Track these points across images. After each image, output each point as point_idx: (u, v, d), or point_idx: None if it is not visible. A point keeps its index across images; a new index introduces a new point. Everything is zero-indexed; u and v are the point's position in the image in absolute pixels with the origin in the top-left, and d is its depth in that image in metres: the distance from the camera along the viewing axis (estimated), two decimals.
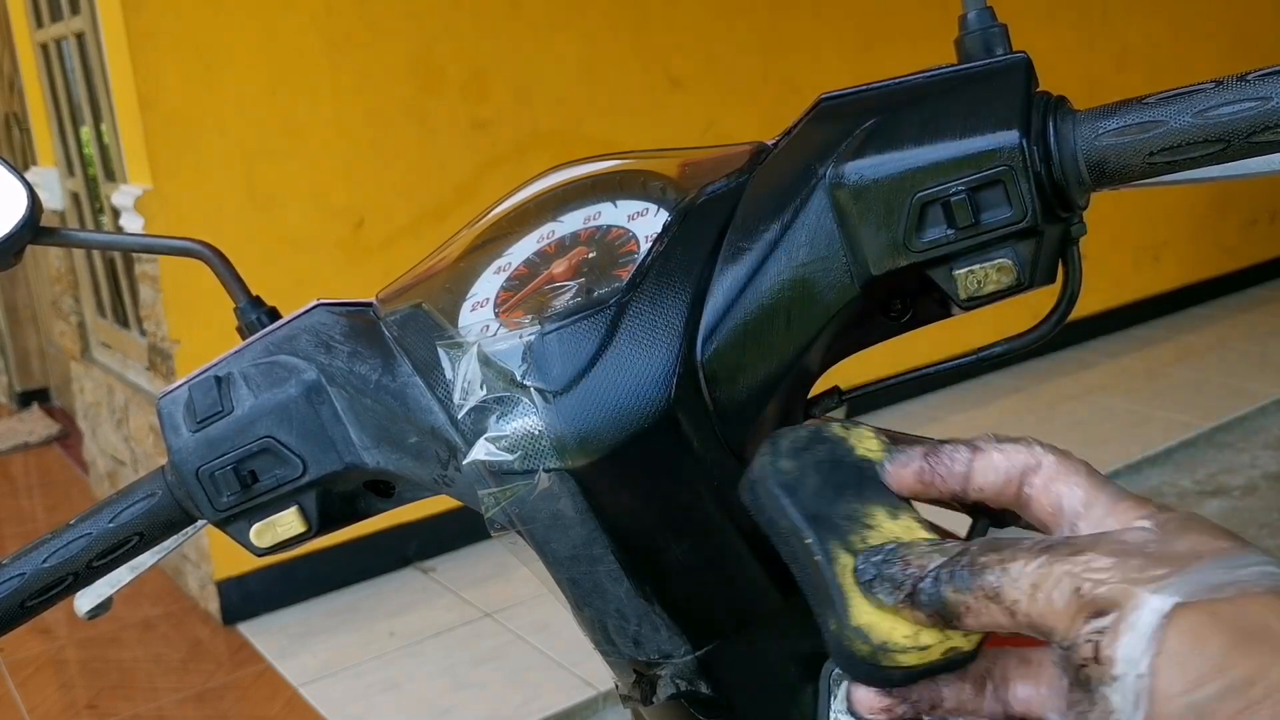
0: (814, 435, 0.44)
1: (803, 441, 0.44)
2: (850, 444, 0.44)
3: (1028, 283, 0.47)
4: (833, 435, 0.44)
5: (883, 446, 0.44)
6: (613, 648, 0.51)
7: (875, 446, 0.44)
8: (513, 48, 3.13)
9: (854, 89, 0.50)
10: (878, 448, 0.44)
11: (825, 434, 0.44)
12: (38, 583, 0.56)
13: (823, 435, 0.44)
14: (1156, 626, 0.33)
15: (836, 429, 0.44)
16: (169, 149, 2.72)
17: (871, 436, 0.44)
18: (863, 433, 0.44)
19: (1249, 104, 0.42)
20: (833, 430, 0.44)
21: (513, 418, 0.48)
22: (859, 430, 0.44)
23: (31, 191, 0.61)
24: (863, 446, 0.44)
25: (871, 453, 0.44)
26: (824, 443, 0.44)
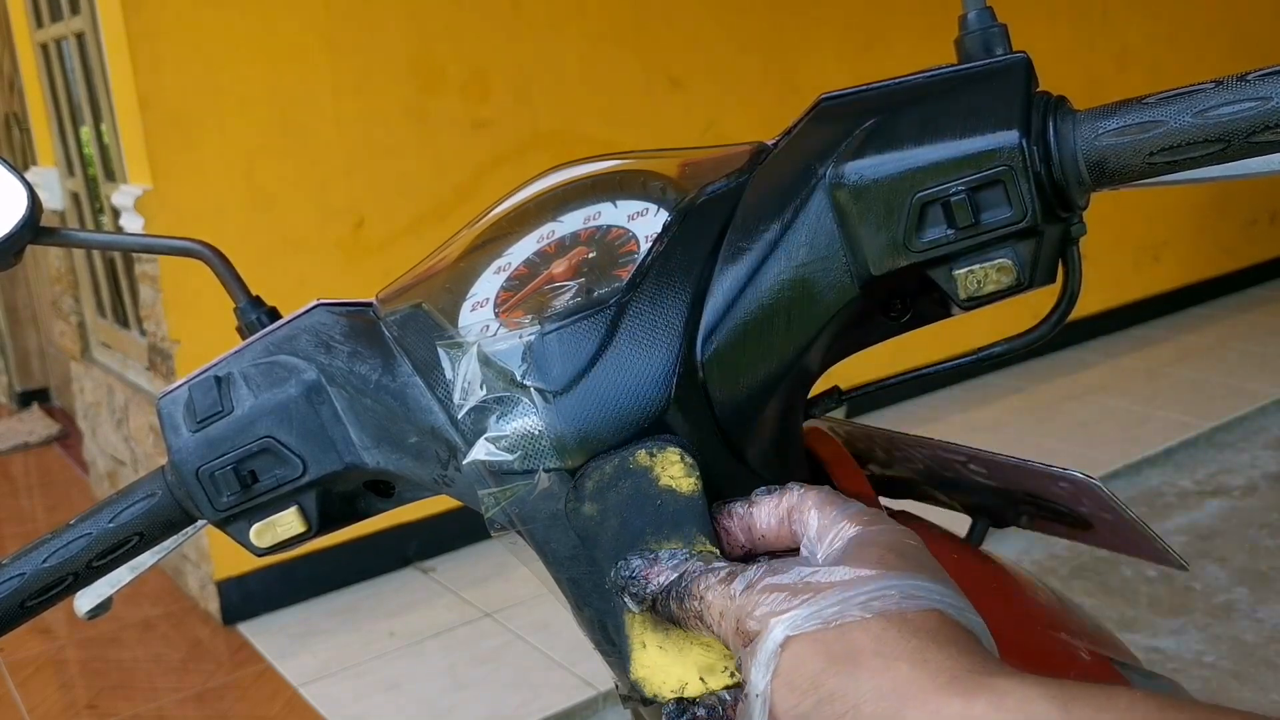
0: (619, 469, 0.45)
1: (608, 479, 0.46)
2: (655, 474, 0.45)
3: (1028, 283, 0.47)
4: (638, 466, 0.45)
5: (686, 472, 0.45)
6: (613, 648, 0.51)
7: (679, 473, 0.45)
8: (513, 48, 3.13)
9: (854, 89, 0.50)
10: (681, 474, 0.45)
11: (630, 465, 0.45)
12: (38, 583, 0.56)
13: (628, 468, 0.45)
14: (773, 653, 0.40)
15: (641, 457, 0.45)
16: (169, 149, 2.72)
17: (677, 462, 0.45)
18: (669, 458, 0.45)
19: (1249, 104, 0.42)
20: (638, 460, 0.45)
21: (513, 418, 0.48)
22: (665, 456, 0.45)
23: (31, 191, 0.61)
24: (667, 475, 0.45)
25: (675, 480, 0.45)
26: (628, 476, 0.45)
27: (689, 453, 0.46)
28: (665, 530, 0.45)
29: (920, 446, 0.66)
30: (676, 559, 0.45)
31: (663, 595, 0.44)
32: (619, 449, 0.46)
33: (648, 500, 0.45)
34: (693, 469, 0.46)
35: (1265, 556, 2.89)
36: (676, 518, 0.45)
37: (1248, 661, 2.45)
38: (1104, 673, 0.62)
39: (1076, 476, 0.63)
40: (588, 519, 0.46)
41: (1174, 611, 2.67)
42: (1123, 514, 0.64)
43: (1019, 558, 2.88)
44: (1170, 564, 0.68)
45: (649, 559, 0.45)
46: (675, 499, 0.45)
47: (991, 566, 0.64)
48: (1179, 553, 0.67)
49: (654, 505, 0.45)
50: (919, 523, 0.61)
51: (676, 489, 0.45)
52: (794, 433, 0.53)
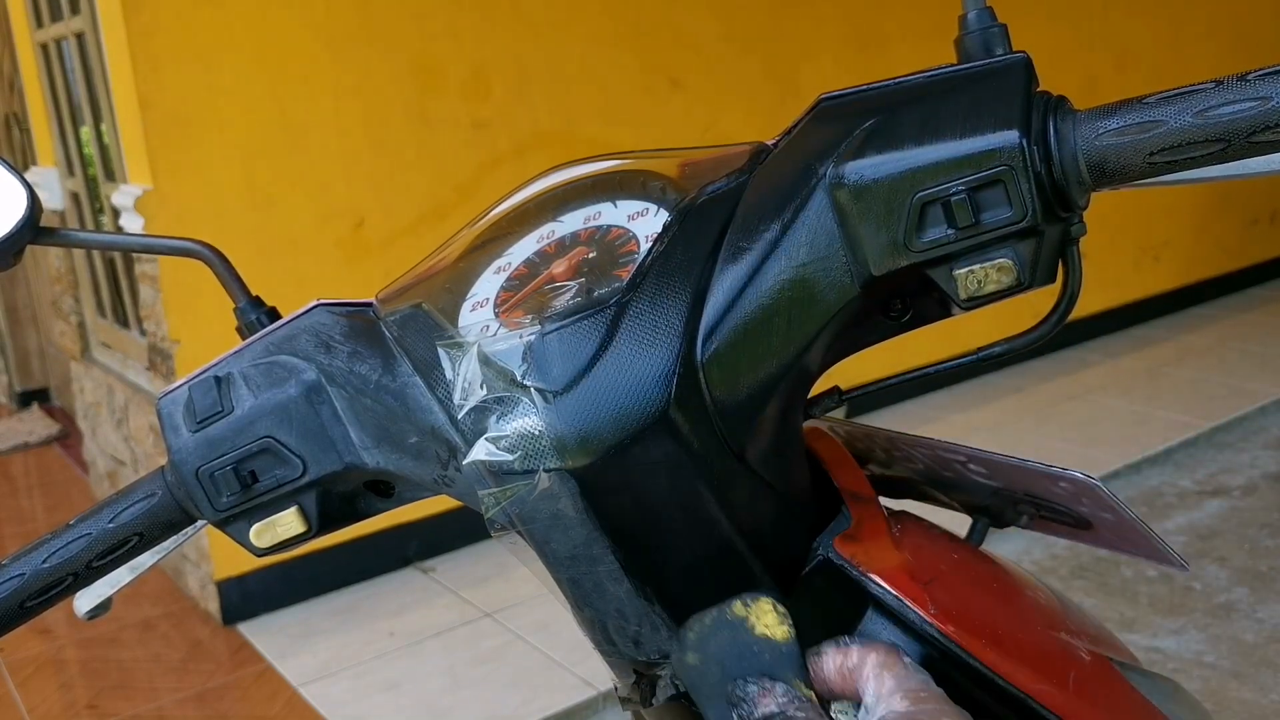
0: (718, 621, 0.49)
1: (708, 630, 0.49)
2: (750, 623, 0.49)
3: (1028, 283, 0.47)
4: (735, 617, 0.49)
5: (779, 621, 0.49)
6: (613, 648, 0.51)
7: (773, 622, 0.49)
8: (513, 48, 3.13)
9: (854, 89, 0.50)
10: (775, 623, 0.49)
11: (728, 617, 0.49)
12: (38, 583, 0.56)
13: (726, 619, 0.49)
14: None
15: (738, 608, 0.49)
16: (169, 149, 2.72)
17: (770, 611, 0.49)
18: (763, 608, 0.49)
19: (1249, 104, 0.42)
20: (734, 611, 0.49)
21: (513, 418, 0.48)
22: (759, 605, 0.49)
23: (31, 191, 0.61)
24: (761, 624, 0.49)
25: (769, 629, 0.49)
26: (727, 627, 0.49)
27: (780, 602, 0.49)
28: (765, 674, 0.48)
29: (920, 446, 0.66)
30: (785, 696, 0.48)
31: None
32: (717, 604, 0.49)
33: (746, 649, 0.49)
34: (785, 617, 0.49)
35: (1265, 556, 2.89)
36: (773, 664, 0.48)
37: (1248, 661, 2.45)
38: (1104, 673, 0.62)
39: (1076, 476, 0.63)
40: (691, 668, 0.49)
41: (1174, 611, 2.67)
42: (1123, 514, 0.64)
43: (1019, 558, 2.88)
44: (1170, 564, 0.68)
45: (764, 687, 0.48)
46: (771, 646, 0.48)
47: (991, 566, 0.64)
48: (1179, 553, 0.67)
49: (752, 653, 0.48)
50: (919, 523, 0.61)
51: (772, 637, 0.48)
52: (794, 433, 0.53)
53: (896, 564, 0.54)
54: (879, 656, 0.49)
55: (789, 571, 0.52)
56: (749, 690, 0.48)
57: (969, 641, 0.52)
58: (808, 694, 0.48)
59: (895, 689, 0.47)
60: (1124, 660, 0.65)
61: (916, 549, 0.56)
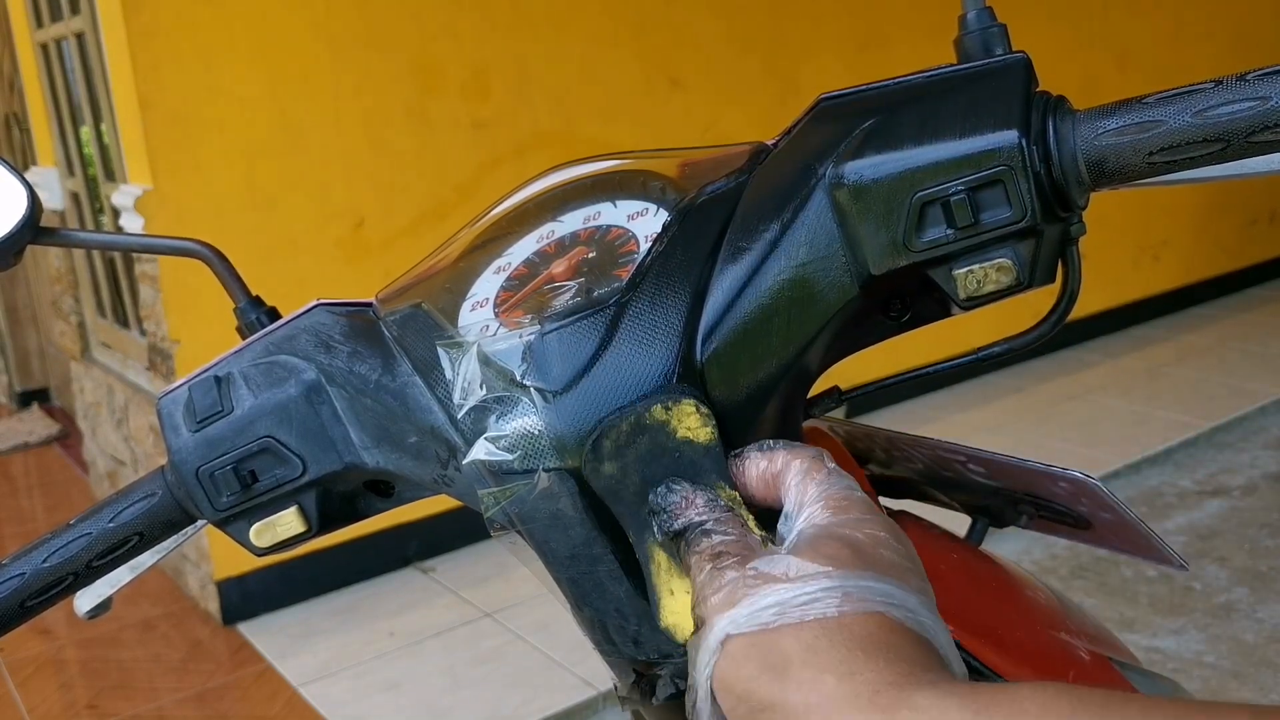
0: (635, 426, 0.46)
1: (624, 437, 0.46)
2: (672, 427, 0.46)
3: (1027, 282, 0.47)
4: (654, 421, 0.46)
5: (702, 423, 0.46)
6: (613, 648, 0.51)
7: (695, 424, 0.46)
8: (513, 48, 3.13)
9: (853, 89, 0.50)
10: (697, 425, 0.46)
11: (646, 421, 0.46)
12: (38, 583, 0.56)
13: (644, 423, 0.46)
14: (713, 651, 0.40)
15: (657, 412, 0.46)
16: (169, 149, 2.72)
17: (693, 413, 0.46)
18: (684, 410, 0.46)
19: (1249, 104, 0.42)
20: (654, 415, 0.46)
21: (512, 417, 0.48)
22: (681, 408, 0.46)
23: (31, 191, 0.61)
24: (684, 427, 0.46)
25: (692, 432, 0.46)
26: (645, 432, 0.46)
27: (703, 403, 0.46)
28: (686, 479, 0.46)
29: (920, 446, 0.66)
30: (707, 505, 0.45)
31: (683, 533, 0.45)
32: (633, 404, 0.46)
33: (666, 453, 0.46)
34: (708, 419, 0.46)
35: (1265, 556, 2.89)
36: (696, 467, 0.46)
37: (1248, 661, 2.45)
38: (1103, 672, 0.62)
39: (1076, 476, 0.63)
40: (608, 477, 0.46)
41: (1174, 611, 2.67)
42: (1123, 514, 0.64)
43: (1019, 558, 2.88)
44: (1170, 564, 0.68)
45: (687, 495, 0.45)
46: (694, 449, 0.46)
47: (991, 566, 0.64)
48: (1179, 553, 0.67)
49: (673, 457, 0.46)
50: (919, 522, 0.61)
51: (694, 439, 0.46)
52: (794, 433, 0.53)
53: None
54: (802, 462, 0.45)
55: None
56: (669, 499, 0.45)
57: (969, 641, 0.52)
58: (730, 497, 0.46)
59: (817, 496, 0.44)
60: (1124, 660, 0.65)
61: (916, 549, 0.56)
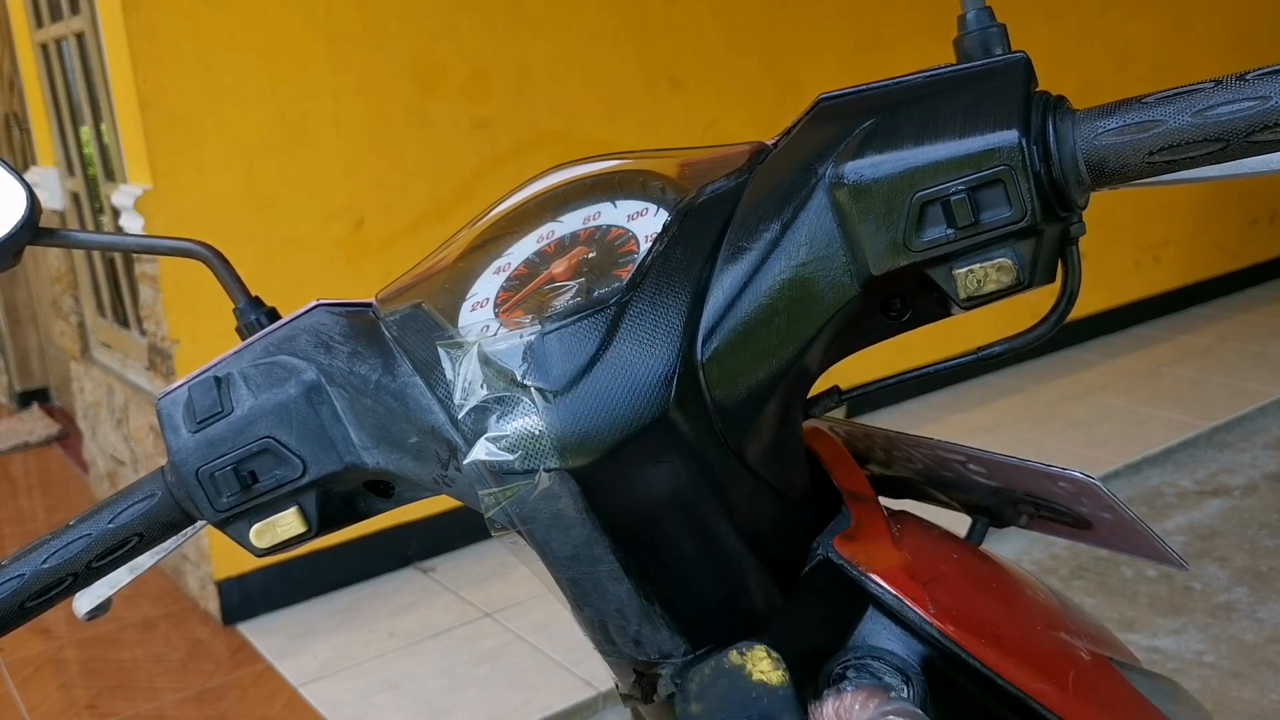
0: (717, 670, 0.51)
1: (708, 679, 0.51)
2: (747, 670, 0.51)
3: (1027, 282, 0.47)
4: (731, 666, 0.51)
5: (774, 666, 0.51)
6: (613, 647, 0.51)
7: (768, 668, 0.51)
8: (513, 48, 3.13)
9: (853, 89, 0.50)
10: (769, 669, 0.51)
11: (725, 666, 0.51)
12: (37, 583, 0.56)
13: (724, 668, 0.51)
14: None
15: (733, 657, 0.51)
16: (169, 149, 2.72)
17: (765, 658, 0.51)
18: (757, 655, 0.51)
19: (1248, 103, 0.42)
20: (730, 661, 0.51)
21: (513, 417, 0.48)
22: (754, 654, 0.51)
23: (31, 192, 0.61)
24: (757, 671, 0.51)
25: (765, 675, 0.51)
26: (725, 675, 0.51)
27: (774, 649, 0.51)
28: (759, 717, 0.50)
29: (920, 446, 0.66)
30: None
31: None
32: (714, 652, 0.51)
33: (745, 695, 0.50)
34: (779, 663, 0.50)
35: (1265, 556, 2.89)
36: (771, 709, 0.50)
37: (1248, 661, 2.45)
38: (1103, 673, 0.62)
39: (1076, 476, 0.63)
40: (695, 717, 0.50)
41: (1174, 611, 2.67)
42: (1123, 514, 0.64)
43: (1019, 558, 2.88)
44: (1170, 564, 0.68)
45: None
46: (769, 691, 0.50)
47: (991, 566, 0.64)
48: (1179, 553, 0.67)
49: (750, 699, 0.50)
50: (919, 522, 0.61)
51: (768, 682, 0.50)
52: (794, 433, 0.53)
53: (896, 564, 0.54)
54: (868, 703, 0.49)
55: (789, 571, 0.52)
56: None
57: (969, 641, 0.52)
58: None
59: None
60: (1124, 660, 0.65)
61: (916, 549, 0.56)
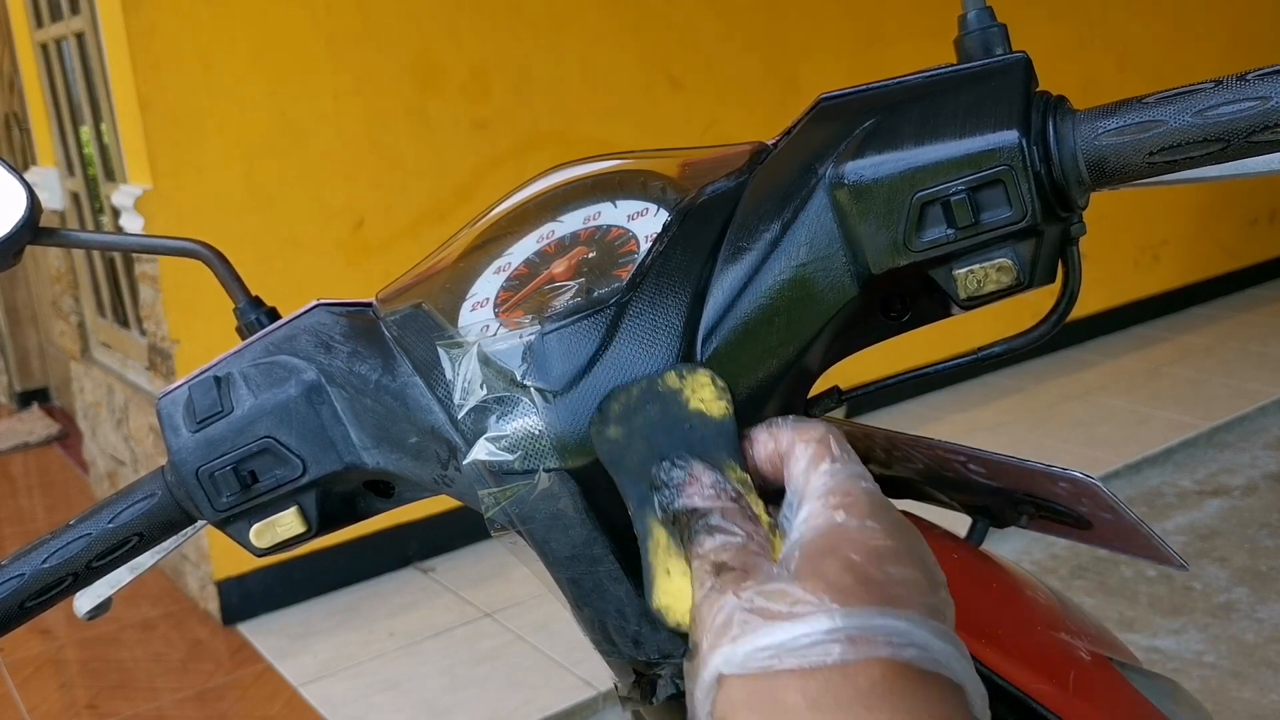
0: (647, 392, 0.44)
1: (634, 401, 0.44)
2: (685, 396, 0.44)
3: (1027, 282, 0.47)
4: (666, 389, 0.44)
5: (717, 395, 0.44)
6: (613, 648, 0.51)
7: (709, 396, 0.44)
8: (513, 48, 3.13)
9: (854, 89, 0.50)
10: (712, 397, 0.44)
11: (659, 388, 0.44)
12: (37, 583, 0.56)
13: (656, 390, 0.44)
14: (709, 687, 0.38)
15: (671, 379, 0.44)
16: (169, 149, 2.72)
17: (708, 385, 0.44)
18: (699, 380, 0.44)
19: (1249, 104, 0.42)
20: (667, 382, 0.44)
21: (513, 417, 0.48)
22: (696, 378, 0.45)
23: (31, 192, 0.61)
24: (697, 398, 0.44)
25: (705, 404, 0.44)
26: (656, 399, 0.44)
27: (719, 377, 0.45)
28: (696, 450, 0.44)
29: (920, 446, 0.66)
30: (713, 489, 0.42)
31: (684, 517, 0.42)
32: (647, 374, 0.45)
33: (676, 423, 0.44)
34: (724, 392, 0.45)
35: (1265, 556, 2.89)
36: (706, 442, 0.44)
37: (1248, 661, 2.45)
38: (1104, 673, 0.62)
39: (1076, 476, 0.63)
40: (612, 442, 0.45)
41: (1174, 611, 2.67)
42: (1123, 514, 0.64)
43: (1019, 558, 2.88)
44: (1170, 564, 0.68)
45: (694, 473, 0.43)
46: (706, 422, 0.44)
47: (991, 566, 0.64)
48: (1179, 553, 0.67)
49: (683, 428, 0.44)
50: (919, 522, 0.61)
51: (707, 412, 0.44)
52: None
53: None
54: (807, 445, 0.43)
55: None
56: (674, 474, 0.43)
57: (969, 641, 0.52)
58: (740, 479, 0.43)
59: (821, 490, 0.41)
60: (1124, 660, 0.65)
61: None
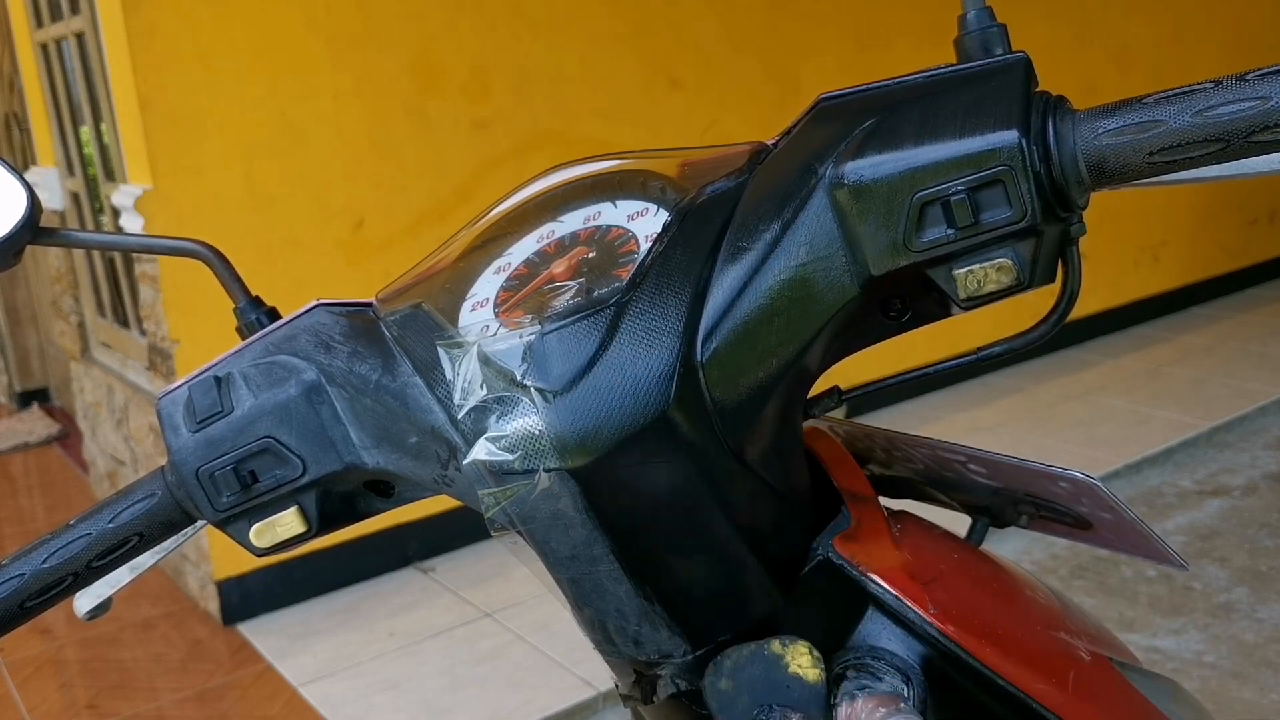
0: (754, 654, 0.51)
1: (743, 661, 0.50)
2: (785, 662, 0.50)
3: (1027, 282, 0.47)
4: (770, 654, 0.51)
5: (813, 664, 0.50)
6: (613, 648, 0.51)
7: (806, 664, 0.50)
8: (513, 48, 3.13)
9: (853, 89, 0.50)
10: (808, 665, 0.50)
11: (764, 652, 0.51)
12: (38, 583, 0.56)
13: (763, 654, 0.51)
14: None
15: (774, 646, 0.50)
16: (169, 149, 2.72)
17: (806, 654, 0.50)
18: (798, 649, 0.50)
19: (1248, 104, 0.42)
20: (772, 649, 0.50)
21: (513, 417, 0.48)
22: (796, 647, 0.50)
23: (31, 191, 0.61)
24: (795, 664, 0.50)
25: (802, 670, 0.50)
26: (761, 661, 0.50)
27: (816, 648, 0.50)
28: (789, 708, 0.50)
29: (920, 446, 0.66)
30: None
31: None
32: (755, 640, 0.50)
33: (777, 683, 0.50)
34: (819, 662, 0.50)
35: (1265, 556, 2.89)
36: (800, 701, 0.50)
37: (1248, 661, 2.45)
38: (1104, 673, 0.62)
39: (1076, 476, 0.63)
40: (722, 693, 0.50)
41: (1174, 611, 2.67)
42: (1123, 514, 0.64)
43: (1019, 558, 2.88)
44: (1170, 564, 0.68)
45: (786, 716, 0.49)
46: (801, 686, 0.50)
47: (991, 566, 0.64)
48: (1179, 553, 0.67)
49: (782, 688, 0.50)
50: (919, 522, 0.61)
51: (804, 677, 0.50)
52: (794, 433, 0.53)
53: (896, 564, 0.54)
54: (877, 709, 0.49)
55: (789, 571, 0.52)
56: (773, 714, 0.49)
57: (969, 641, 0.52)
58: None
59: None
60: (1124, 660, 0.65)
61: (916, 549, 0.56)
